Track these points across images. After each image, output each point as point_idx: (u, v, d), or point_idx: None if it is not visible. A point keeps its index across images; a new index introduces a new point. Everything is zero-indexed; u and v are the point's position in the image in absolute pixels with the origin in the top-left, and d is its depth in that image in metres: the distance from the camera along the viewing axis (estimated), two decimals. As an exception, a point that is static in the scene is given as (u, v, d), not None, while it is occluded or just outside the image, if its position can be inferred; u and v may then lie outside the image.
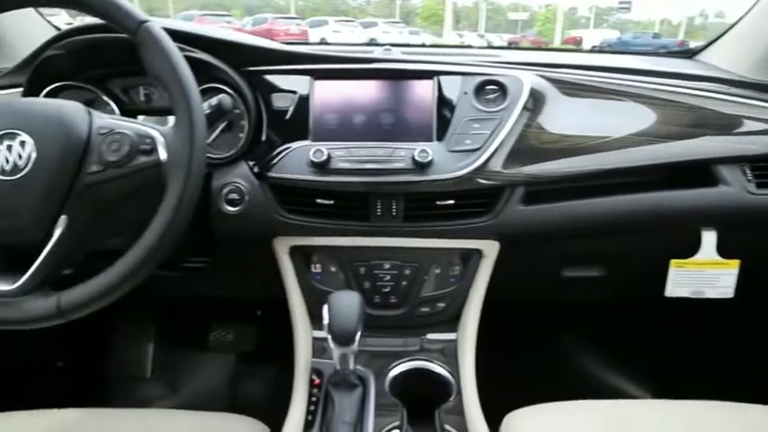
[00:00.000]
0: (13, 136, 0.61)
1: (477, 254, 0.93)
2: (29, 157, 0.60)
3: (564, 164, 0.87)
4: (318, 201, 0.87)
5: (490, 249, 0.92)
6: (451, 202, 0.87)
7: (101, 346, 1.45)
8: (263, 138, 0.90)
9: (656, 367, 1.37)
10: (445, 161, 0.84)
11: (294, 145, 0.87)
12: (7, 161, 0.60)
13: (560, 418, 0.79)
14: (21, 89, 0.91)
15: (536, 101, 0.89)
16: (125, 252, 0.63)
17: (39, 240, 0.61)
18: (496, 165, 0.84)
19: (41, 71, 0.89)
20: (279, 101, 0.90)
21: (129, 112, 0.94)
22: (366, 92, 0.90)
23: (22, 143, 0.61)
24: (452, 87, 0.89)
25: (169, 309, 1.49)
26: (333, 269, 0.93)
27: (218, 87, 0.89)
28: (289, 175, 0.85)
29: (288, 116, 0.90)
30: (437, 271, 0.93)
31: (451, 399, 0.86)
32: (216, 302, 1.35)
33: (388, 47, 1.22)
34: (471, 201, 0.87)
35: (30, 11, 1.16)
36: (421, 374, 0.90)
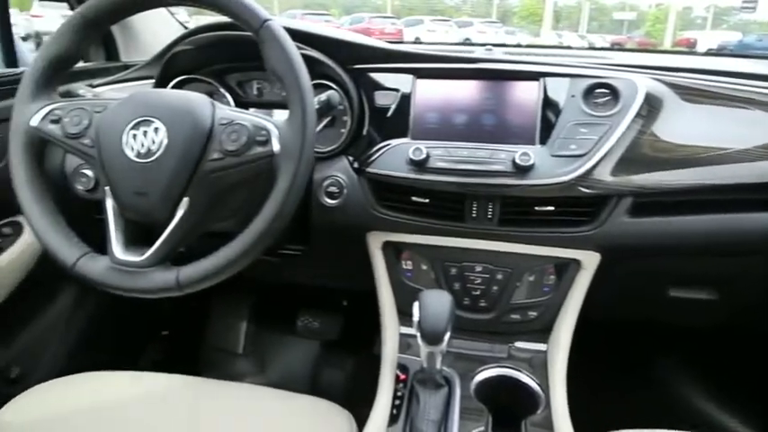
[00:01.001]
0: (148, 122, 0.67)
1: (575, 264, 0.89)
2: (161, 143, 0.66)
3: (679, 175, 0.81)
4: (414, 199, 0.88)
5: (590, 261, 0.88)
6: (551, 208, 0.84)
7: (200, 320, 1.56)
8: (364, 134, 0.93)
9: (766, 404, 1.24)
10: (547, 166, 0.81)
11: (394, 142, 0.88)
12: (143, 145, 0.66)
13: None
14: (152, 81, 1.01)
15: (651, 106, 0.84)
16: (236, 235, 0.67)
17: (164, 219, 0.67)
18: (603, 173, 0.80)
19: (171, 65, 0.98)
20: (381, 98, 0.92)
21: (242, 104, 1.00)
22: (468, 92, 0.89)
23: (156, 130, 0.67)
24: (559, 90, 0.86)
25: (263, 291, 1.58)
26: (424, 267, 0.94)
27: (324, 83, 0.93)
28: (387, 172, 0.87)
29: (389, 113, 0.91)
30: (531, 278, 0.91)
31: (539, 411, 0.83)
32: (305, 289, 1.40)
33: (489, 47, 1.20)
34: (573, 209, 0.83)
35: (161, 10, 1.28)
36: (508, 382, 0.88)
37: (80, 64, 1.25)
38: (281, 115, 0.69)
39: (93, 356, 1.20)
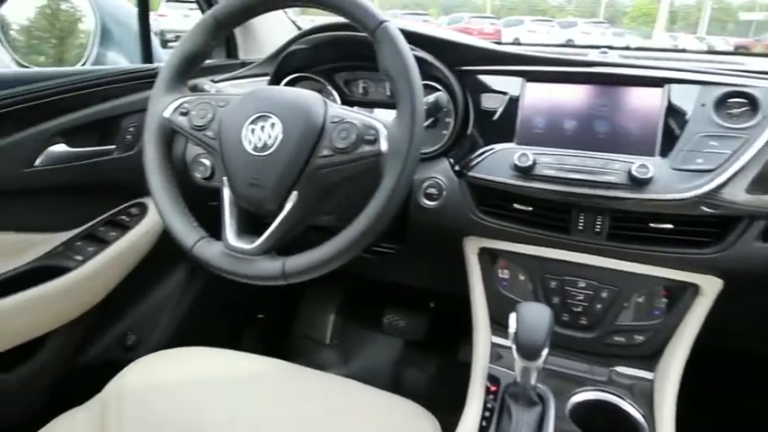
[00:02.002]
0: (266, 118, 0.70)
1: (693, 289, 0.82)
2: (276, 138, 0.69)
3: None
4: (516, 206, 0.85)
5: (710, 287, 0.80)
6: (669, 226, 0.77)
7: (291, 307, 1.63)
8: (467, 137, 0.91)
9: None
10: (668, 180, 0.75)
11: (498, 146, 0.86)
12: (260, 139, 0.70)
13: None
14: (267, 77, 1.06)
15: None
16: (336, 230, 0.69)
17: (274, 210, 0.70)
18: (734, 191, 0.72)
19: (285, 63, 1.03)
20: (488, 101, 0.90)
21: (347, 102, 1.03)
22: (581, 96, 0.85)
23: (273, 125, 0.70)
24: (686, 97, 0.79)
25: (353, 286, 1.61)
26: (521, 277, 0.90)
27: (431, 85, 0.93)
28: (489, 177, 0.85)
29: (495, 117, 0.89)
30: (639, 299, 0.84)
31: None
32: (394, 287, 1.41)
33: (604, 49, 1.13)
34: (694, 228, 0.76)
35: (278, 12, 1.34)
36: (607, 408, 0.83)
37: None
38: (382, 114, 0.69)
39: (197, 333, 1.29)
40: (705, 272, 0.79)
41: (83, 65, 1.16)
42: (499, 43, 1.16)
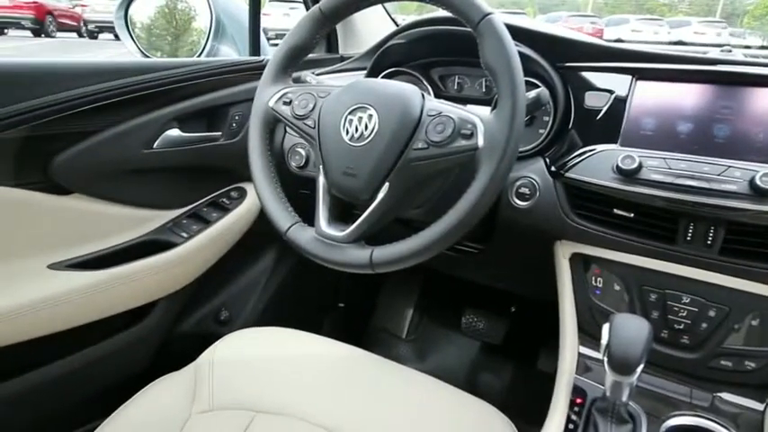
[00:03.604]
0: (364, 109, 0.72)
1: None
2: (373, 129, 0.70)
3: None
4: (616, 211, 0.80)
5: None
6: None
7: (372, 299, 1.66)
8: (566, 136, 0.88)
9: None
10: None
11: (600, 147, 0.82)
12: (357, 129, 0.72)
13: None
14: (364, 71, 1.09)
15: None
16: (423, 224, 0.69)
17: (365, 199, 0.72)
18: None
19: (383, 57, 1.04)
20: (592, 99, 0.86)
21: (442, 98, 1.02)
22: (697, 97, 0.78)
23: (370, 116, 0.71)
24: None
25: (432, 283, 1.61)
26: (616, 287, 0.85)
27: (531, 81, 0.90)
28: (588, 179, 0.81)
29: (599, 116, 0.84)
30: (754, 322, 0.76)
31: None
32: (474, 288, 1.39)
33: (727, 47, 1.04)
34: None
35: (378, 8, 1.37)
36: None
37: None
38: (489, 112, 0.68)
39: (282, 314, 1.35)
40: None
41: (198, 56, 1.26)
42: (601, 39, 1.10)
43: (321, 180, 0.77)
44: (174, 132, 1.02)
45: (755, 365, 0.77)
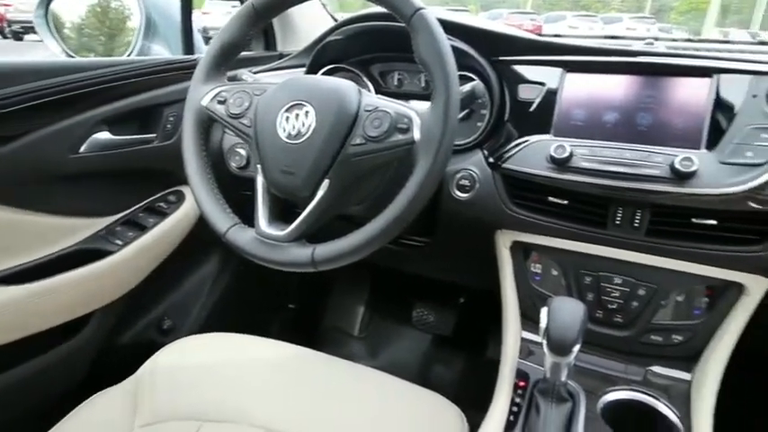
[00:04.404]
0: (301, 106, 0.71)
1: (737, 289, 0.78)
2: (310, 126, 0.70)
3: None
4: (551, 199, 0.83)
5: (756, 286, 0.76)
6: (713, 222, 0.74)
7: (322, 298, 1.65)
8: (502, 128, 0.90)
9: None
10: (714, 174, 0.71)
11: (533, 138, 0.84)
12: (294, 127, 0.71)
13: None
14: (303, 69, 1.07)
15: None
16: (365, 220, 0.69)
17: (305, 197, 0.71)
18: None
19: (321, 54, 1.03)
20: (525, 92, 0.88)
21: (382, 94, 1.02)
22: (622, 88, 0.82)
23: (307, 113, 0.70)
24: (735, 89, 0.75)
25: (382, 279, 1.62)
26: (554, 273, 0.88)
27: (467, 75, 0.92)
28: (524, 169, 0.83)
29: (532, 108, 0.87)
30: (678, 298, 0.81)
31: None
32: (423, 281, 1.41)
33: (649, 40, 1.09)
34: (740, 225, 0.73)
35: (315, 4, 1.36)
36: (641, 409, 0.80)
37: (243, 52, 1.38)
38: (418, 105, 0.69)
39: (229, 319, 1.32)
40: (751, 271, 0.75)
41: (128, 56, 1.20)
42: (540, 35, 1.13)
43: (260, 179, 0.75)
44: (104, 135, 0.97)
45: (682, 338, 0.82)
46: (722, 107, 0.75)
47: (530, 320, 0.90)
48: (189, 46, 1.18)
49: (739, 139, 0.72)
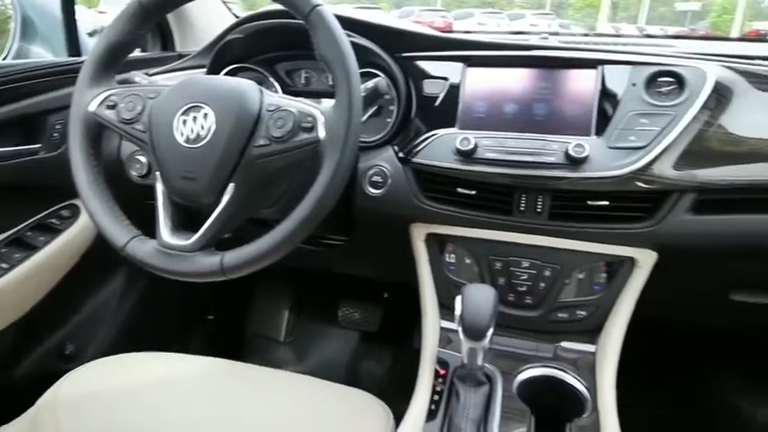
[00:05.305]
0: (198, 108, 0.68)
1: (629, 263, 0.85)
2: (209, 128, 0.67)
3: (748, 171, 0.75)
4: (460, 190, 0.85)
5: (645, 260, 0.83)
6: (605, 203, 0.79)
7: (244, 306, 1.60)
8: (411, 124, 0.91)
9: None
10: (603, 158, 0.77)
11: (440, 132, 0.86)
12: (192, 130, 0.67)
13: None
14: (204, 70, 1.03)
15: (720, 96, 0.78)
16: (279, 222, 0.67)
17: (210, 204, 0.68)
18: (664, 166, 0.75)
19: (222, 54, 0.99)
20: (429, 87, 0.90)
21: (290, 93, 1.00)
22: (520, 80, 0.86)
23: (205, 115, 0.67)
24: (618, 78, 0.81)
25: (305, 281, 1.59)
26: (467, 261, 0.91)
27: (372, 72, 0.92)
28: (432, 162, 0.85)
29: (437, 103, 0.89)
30: (580, 276, 0.87)
31: (585, 415, 0.79)
32: (347, 280, 1.41)
33: (544, 35, 1.16)
34: (629, 204, 0.79)
35: (215, 0, 1.30)
36: (552, 383, 0.85)
37: (138, 53, 1.30)
38: (328, 104, 0.68)
39: (143, 337, 1.24)
40: (640, 245, 0.82)
41: (4, 59, 1.09)
42: (450, 32, 1.16)
43: (159, 187, 0.71)
44: (-21, 147, 0.87)
45: (586, 314, 0.88)
46: (607, 96, 0.81)
47: (447, 309, 0.93)
48: (74, 47, 1.09)
49: (623, 124, 0.78)
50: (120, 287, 1.19)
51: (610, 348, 0.85)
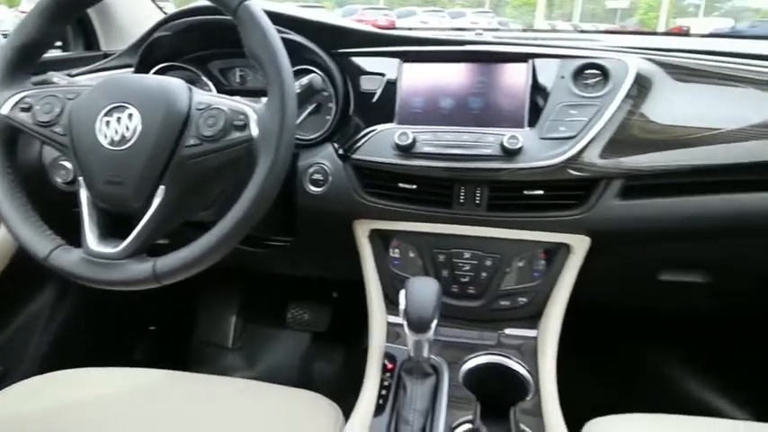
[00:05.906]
0: (122, 109, 0.65)
1: (565, 249, 0.88)
2: (135, 129, 0.64)
3: (669, 157, 0.80)
4: (401, 185, 0.86)
5: (579, 245, 0.87)
6: (540, 192, 0.82)
7: (189, 314, 1.54)
8: (350, 120, 0.91)
9: (762, 389, 1.23)
10: (536, 149, 0.79)
11: (379, 128, 0.87)
12: (116, 132, 0.64)
13: (648, 430, 0.72)
14: (131, 69, 0.98)
15: (642, 86, 0.82)
16: (215, 223, 0.65)
17: (139, 208, 0.65)
18: (592, 155, 0.79)
19: (150, 52, 0.95)
20: (367, 83, 0.90)
21: (225, 92, 0.97)
22: (455, 75, 0.87)
23: (130, 116, 0.64)
24: (548, 71, 0.84)
25: (252, 284, 1.56)
26: (411, 255, 0.92)
27: (308, 69, 0.91)
28: (372, 158, 0.85)
29: (375, 99, 0.89)
30: (520, 264, 0.89)
31: (528, 398, 0.82)
32: (295, 281, 1.39)
33: (479, 31, 1.18)
34: (562, 192, 0.82)
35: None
36: (497, 370, 0.87)
37: (59, 53, 1.22)
38: (263, 102, 0.67)
39: (79, 352, 1.18)
40: (574, 231, 0.85)
41: None
42: (393, 29, 1.16)
43: (83, 193, 0.68)
44: None
45: (526, 300, 0.91)
46: (538, 89, 0.83)
47: (394, 305, 0.93)
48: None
49: (553, 116, 0.81)
50: (48, 301, 1.12)
51: (550, 333, 0.88)
